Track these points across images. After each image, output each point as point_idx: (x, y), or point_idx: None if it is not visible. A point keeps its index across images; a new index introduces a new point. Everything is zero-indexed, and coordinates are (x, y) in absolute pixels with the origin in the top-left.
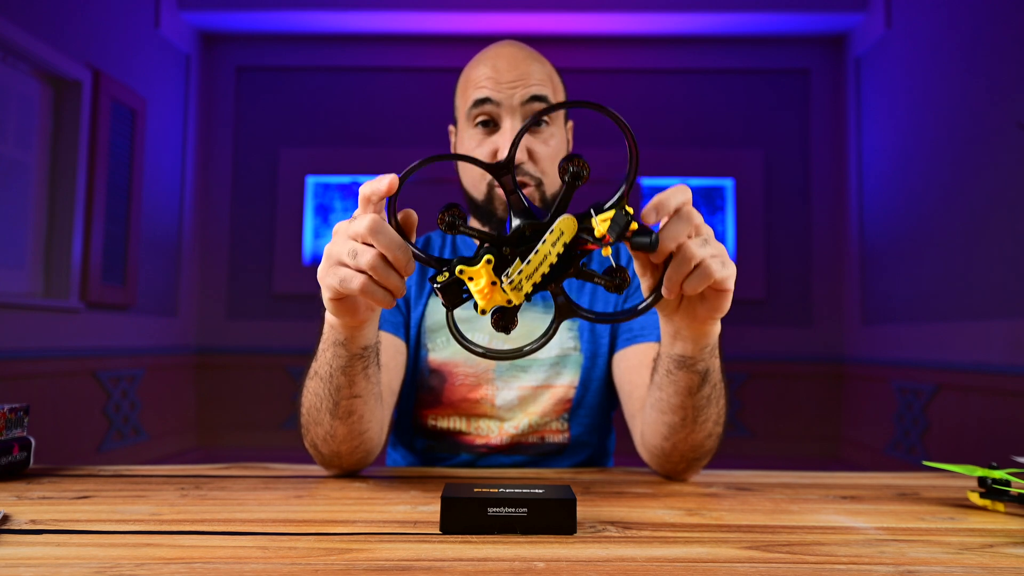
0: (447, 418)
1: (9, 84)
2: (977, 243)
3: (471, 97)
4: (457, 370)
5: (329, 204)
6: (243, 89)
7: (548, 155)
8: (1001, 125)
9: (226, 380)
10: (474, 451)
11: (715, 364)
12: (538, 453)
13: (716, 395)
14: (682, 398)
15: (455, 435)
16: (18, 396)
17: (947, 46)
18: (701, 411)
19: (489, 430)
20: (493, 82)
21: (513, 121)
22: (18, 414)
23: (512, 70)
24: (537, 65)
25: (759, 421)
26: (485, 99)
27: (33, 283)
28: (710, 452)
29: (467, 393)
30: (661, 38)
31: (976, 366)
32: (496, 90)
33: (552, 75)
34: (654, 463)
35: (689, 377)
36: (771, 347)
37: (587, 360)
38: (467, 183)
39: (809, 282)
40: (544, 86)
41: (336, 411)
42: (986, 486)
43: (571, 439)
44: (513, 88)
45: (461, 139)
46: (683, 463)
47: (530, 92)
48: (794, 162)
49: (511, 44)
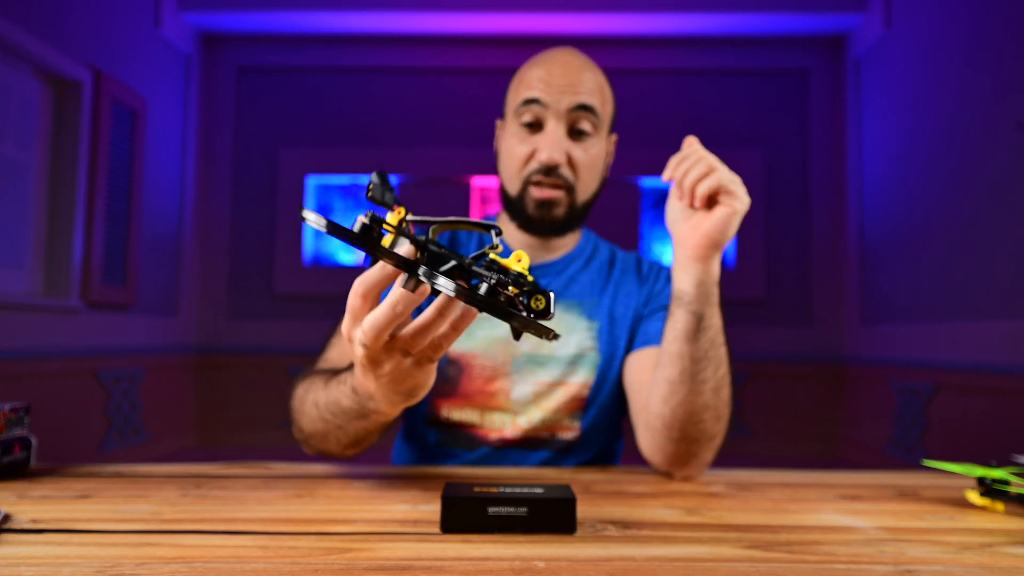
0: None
1: (9, 84)
2: (977, 243)
3: (521, 96)
4: (475, 361)
5: (329, 204)
6: (243, 89)
7: (586, 163)
8: (1001, 125)
9: (226, 380)
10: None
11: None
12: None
13: (715, 356)
14: (679, 345)
15: (468, 427)
16: (19, 396)
17: (947, 46)
18: (699, 365)
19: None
20: (544, 84)
21: (558, 125)
22: (19, 414)
23: (565, 76)
24: (590, 75)
25: (759, 421)
26: (534, 99)
27: (33, 283)
28: (710, 439)
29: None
30: (661, 38)
31: (976, 366)
32: (546, 92)
33: (604, 86)
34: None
35: (686, 319)
36: (771, 347)
37: (604, 361)
38: (504, 176)
39: (809, 282)
40: (593, 96)
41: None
42: (985, 486)
43: (581, 437)
44: (562, 93)
45: (506, 134)
46: (684, 442)
47: (578, 100)
48: (794, 162)
49: (568, 51)
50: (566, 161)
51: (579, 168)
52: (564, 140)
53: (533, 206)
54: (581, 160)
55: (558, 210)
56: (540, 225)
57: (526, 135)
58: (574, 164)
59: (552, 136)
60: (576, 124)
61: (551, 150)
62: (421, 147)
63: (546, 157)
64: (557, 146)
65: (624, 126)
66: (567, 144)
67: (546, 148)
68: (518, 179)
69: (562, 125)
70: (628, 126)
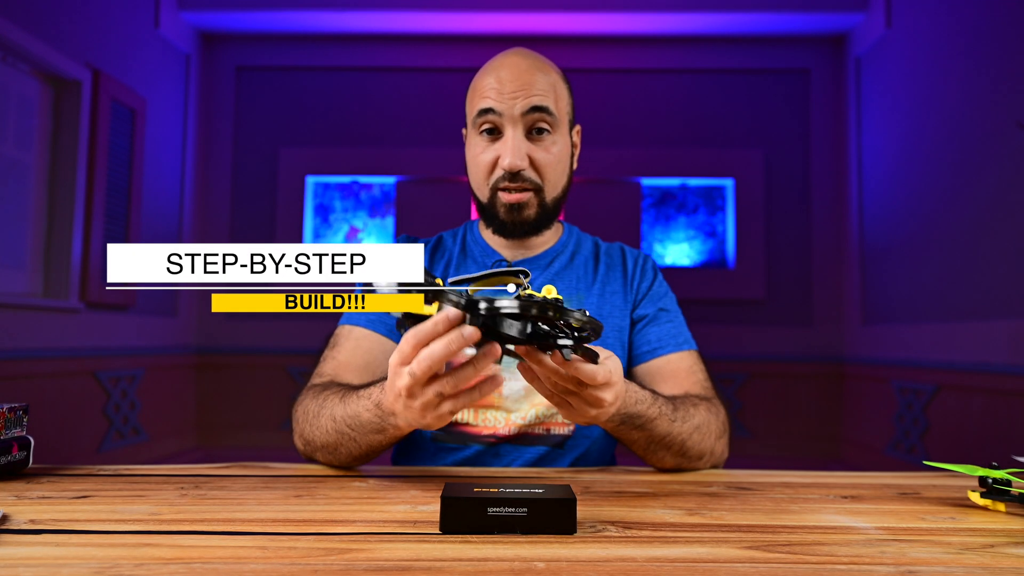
0: None
1: (9, 84)
2: (977, 243)
3: (477, 106)
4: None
5: (329, 204)
6: (243, 89)
7: (549, 162)
8: (1001, 125)
9: (226, 380)
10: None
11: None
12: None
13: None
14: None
15: (462, 425)
16: (18, 396)
17: (947, 46)
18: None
19: (496, 421)
20: (496, 92)
21: (515, 130)
22: (17, 413)
23: (515, 80)
24: (541, 75)
25: (759, 421)
26: (488, 109)
27: (33, 283)
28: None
29: None
30: (661, 38)
31: (977, 366)
32: (499, 100)
33: (556, 83)
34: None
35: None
36: (771, 347)
37: None
38: (474, 185)
39: (809, 282)
40: (546, 96)
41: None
42: (987, 486)
43: (575, 430)
44: (515, 99)
45: (468, 143)
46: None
47: (531, 103)
48: (794, 162)
49: (517, 53)
50: (528, 164)
51: (543, 168)
52: (523, 144)
53: (504, 211)
54: (544, 160)
55: (528, 211)
56: (514, 228)
57: (487, 143)
58: (537, 165)
59: (510, 142)
60: (534, 125)
61: (511, 156)
62: (421, 147)
63: (508, 163)
64: (517, 151)
65: (625, 126)
66: (527, 147)
67: (507, 155)
68: (486, 186)
69: (519, 129)
70: (629, 126)
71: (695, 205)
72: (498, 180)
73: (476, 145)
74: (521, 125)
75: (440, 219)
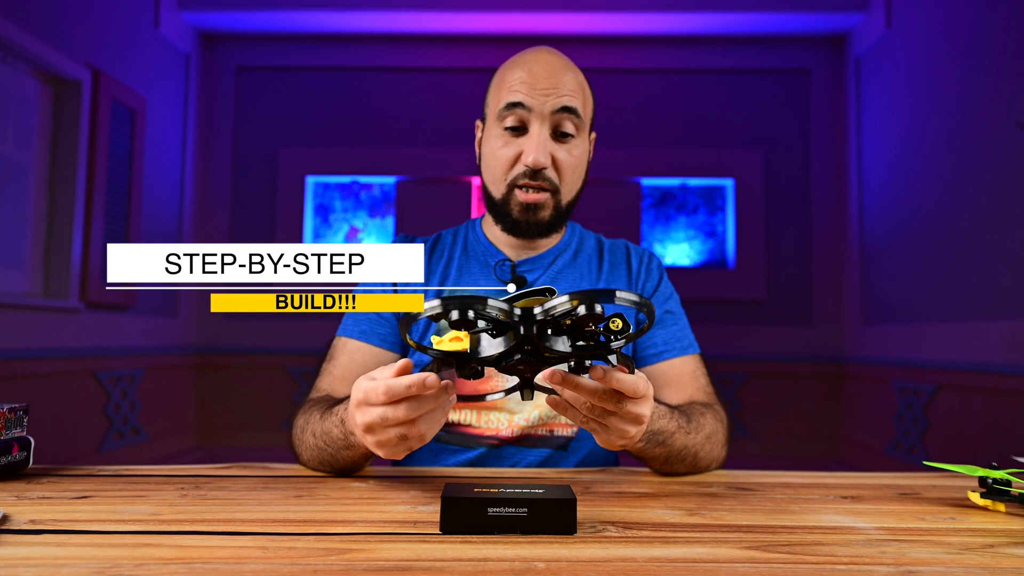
0: (457, 411)
1: (9, 84)
2: (977, 243)
3: (504, 99)
4: None
5: (329, 204)
6: (243, 89)
7: (570, 164)
8: (1001, 125)
9: (226, 380)
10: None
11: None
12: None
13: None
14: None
15: (465, 427)
16: (18, 396)
17: (947, 46)
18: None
19: (499, 423)
20: (528, 87)
21: (542, 127)
22: (17, 414)
23: (547, 78)
24: (571, 75)
25: (759, 421)
26: (518, 103)
27: (33, 283)
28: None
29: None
30: (661, 38)
31: (976, 366)
32: (530, 95)
33: (584, 86)
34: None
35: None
36: (771, 347)
37: None
38: (488, 180)
39: (809, 282)
40: (575, 97)
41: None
42: (987, 486)
43: (578, 432)
44: (546, 96)
45: (487, 136)
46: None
47: (561, 102)
48: (794, 162)
49: (548, 51)
50: (551, 163)
51: (563, 170)
52: (548, 142)
53: (519, 210)
54: (566, 162)
55: (544, 213)
56: (527, 228)
57: (510, 138)
58: (558, 166)
59: (537, 139)
60: (560, 126)
61: (536, 153)
62: (421, 147)
63: (532, 160)
64: (542, 149)
65: (625, 126)
66: (551, 146)
67: (531, 151)
68: (503, 182)
69: (546, 127)
70: (629, 126)
71: (695, 205)
72: (517, 176)
73: (497, 139)
74: (548, 123)
75: (440, 219)
